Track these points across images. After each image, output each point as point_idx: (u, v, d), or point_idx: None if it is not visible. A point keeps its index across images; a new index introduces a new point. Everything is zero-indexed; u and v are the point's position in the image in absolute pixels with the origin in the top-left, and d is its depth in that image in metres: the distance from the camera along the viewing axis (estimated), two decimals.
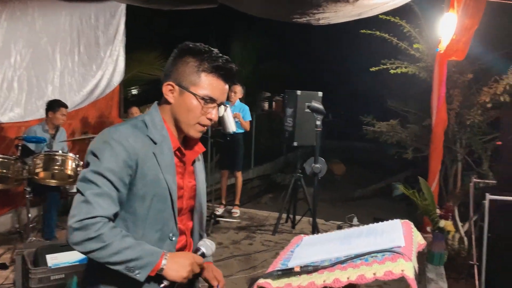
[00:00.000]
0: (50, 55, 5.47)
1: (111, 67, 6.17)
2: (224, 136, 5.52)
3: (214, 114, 1.53)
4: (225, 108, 1.76)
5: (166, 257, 1.40)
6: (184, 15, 9.33)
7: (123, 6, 6.35)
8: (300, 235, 1.64)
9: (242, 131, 6.02)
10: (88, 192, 1.37)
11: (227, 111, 5.13)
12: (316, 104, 2.40)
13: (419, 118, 6.28)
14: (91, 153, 1.45)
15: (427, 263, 4.02)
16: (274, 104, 15.49)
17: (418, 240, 1.47)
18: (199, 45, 1.52)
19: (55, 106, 4.77)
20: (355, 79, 12.96)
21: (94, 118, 6.26)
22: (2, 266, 4.04)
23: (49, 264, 3.32)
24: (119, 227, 1.41)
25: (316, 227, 3.38)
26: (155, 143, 1.49)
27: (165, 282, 1.40)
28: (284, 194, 5.64)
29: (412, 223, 1.52)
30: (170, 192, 1.49)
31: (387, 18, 5.55)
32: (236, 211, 6.19)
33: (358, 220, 5.88)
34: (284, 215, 5.73)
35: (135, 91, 10.12)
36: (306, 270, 1.25)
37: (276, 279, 1.27)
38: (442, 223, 4.37)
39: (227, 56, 1.53)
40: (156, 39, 9.27)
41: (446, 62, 4.96)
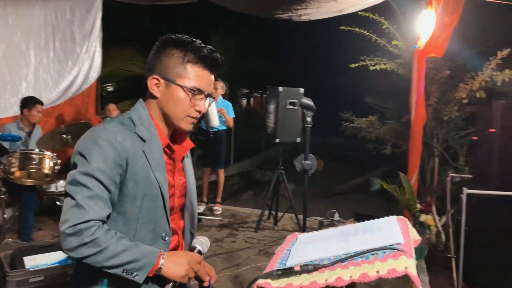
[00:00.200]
0: (24, 51, 5.31)
1: (88, 63, 6.02)
2: (206, 133, 5.45)
3: (202, 106, 1.49)
4: (209, 103, 1.73)
5: (164, 256, 1.37)
6: (162, 11, 9.19)
7: (99, 1, 6.20)
8: (295, 233, 1.62)
9: (225, 128, 5.97)
10: (79, 195, 1.32)
11: (211, 106, 5.09)
12: (307, 101, 2.38)
13: (397, 114, 6.37)
14: (78, 153, 1.39)
15: None
16: (252, 100, 15.47)
17: (414, 236, 1.47)
18: (181, 36, 1.49)
19: (30, 103, 4.64)
20: (334, 75, 13.05)
21: (71, 115, 6.11)
22: None
23: (27, 266, 3.25)
24: (112, 229, 1.37)
25: (304, 224, 3.37)
26: (143, 141, 1.45)
27: (169, 286, 1.38)
28: (267, 191, 5.63)
29: (407, 220, 1.53)
30: (161, 191, 1.45)
31: (366, 14, 5.60)
32: (218, 208, 6.15)
33: (339, 216, 5.92)
34: (266, 212, 5.72)
35: (111, 88, 9.94)
36: (307, 269, 1.23)
37: (276, 279, 1.25)
38: (423, 217, 4.46)
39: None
40: (133, 35, 9.11)
41: (425, 58, 5.03)
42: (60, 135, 4.45)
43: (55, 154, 4.27)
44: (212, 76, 1.51)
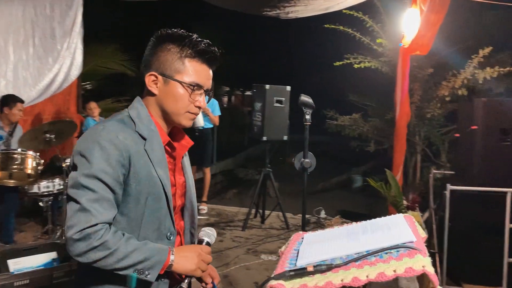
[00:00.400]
0: (2, 48, 5.14)
1: (69, 61, 5.85)
2: (192, 131, 5.39)
3: (202, 101, 1.47)
4: None
5: (173, 252, 1.35)
6: (142, 7, 9.06)
7: None
8: (299, 232, 1.60)
9: (211, 126, 5.92)
10: (83, 198, 1.28)
11: None
12: (306, 98, 2.37)
13: (380, 112, 6.45)
14: (79, 154, 1.34)
15: None
16: (233, 98, 15.42)
17: (420, 234, 1.47)
18: (177, 30, 1.46)
19: (10, 102, 4.51)
20: (317, 73, 13.10)
21: (51, 114, 5.95)
22: None
23: (11, 270, 3.20)
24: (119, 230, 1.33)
25: (303, 223, 3.32)
26: (144, 139, 1.41)
27: (184, 285, 1.36)
28: (254, 189, 5.61)
29: (413, 217, 1.53)
30: (164, 190, 1.42)
31: (351, 13, 5.63)
32: (204, 207, 6.09)
33: (325, 213, 5.95)
34: (253, 210, 5.70)
35: (89, 86, 9.74)
36: (320, 269, 1.22)
37: (289, 280, 1.23)
38: (410, 213, 4.51)
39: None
40: (113, 32, 8.94)
41: (409, 56, 5.08)
42: (42, 134, 4.32)
43: (38, 154, 4.16)
44: (211, 71, 1.49)
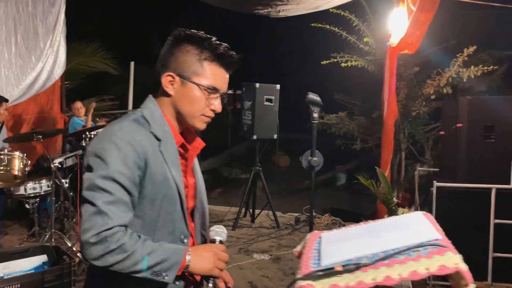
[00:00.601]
0: None
1: (52, 59, 5.72)
2: None
3: (218, 105, 1.45)
4: None
5: (189, 252, 1.33)
6: (124, 6, 8.90)
7: None
8: (315, 231, 1.60)
9: None
10: (100, 201, 1.25)
11: None
12: (314, 97, 2.36)
13: (366, 110, 6.51)
14: (94, 155, 1.31)
15: None
16: None
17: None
18: (196, 32, 1.44)
19: None
20: (303, 72, 13.12)
21: (35, 113, 5.81)
22: None
23: (0, 274, 3.10)
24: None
25: (311, 222, 3.33)
26: (158, 140, 1.39)
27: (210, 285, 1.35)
28: (244, 188, 5.59)
29: (430, 214, 1.53)
30: (179, 192, 1.40)
31: (338, 12, 5.66)
32: None
33: (314, 211, 5.96)
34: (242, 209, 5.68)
35: (68, 85, 9.54)
36: (348, 268, 1.21)
37: (317, 280, 1.22)
38: (400, 211, 4.55)
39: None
40: (95, 30, 8.77)
41: (396, 55, 5.14)
42: (30, 134, 4.22)
43: (24, 154, 4.05)
44: (227, 75, 1.47)
